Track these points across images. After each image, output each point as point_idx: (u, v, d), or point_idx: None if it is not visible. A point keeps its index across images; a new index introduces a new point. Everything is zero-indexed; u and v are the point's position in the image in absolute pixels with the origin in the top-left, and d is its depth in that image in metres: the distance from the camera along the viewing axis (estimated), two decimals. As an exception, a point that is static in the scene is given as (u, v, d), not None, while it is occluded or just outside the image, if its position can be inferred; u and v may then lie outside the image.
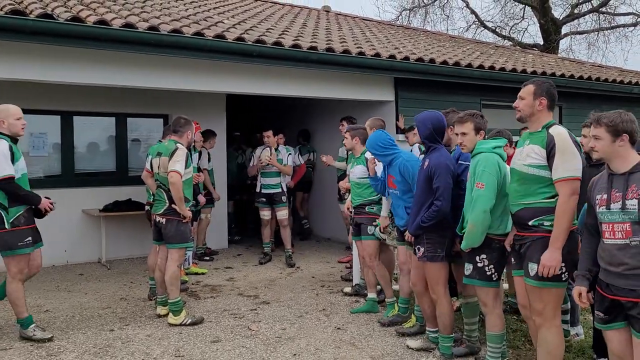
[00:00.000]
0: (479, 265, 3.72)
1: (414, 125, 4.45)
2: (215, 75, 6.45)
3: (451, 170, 3.99)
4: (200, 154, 7.19)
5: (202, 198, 7.03)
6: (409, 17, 21.19)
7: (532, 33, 31.61)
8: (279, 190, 7.50)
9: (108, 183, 7.82)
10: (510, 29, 21.44)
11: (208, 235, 7.91)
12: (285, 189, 7.59)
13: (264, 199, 7.53)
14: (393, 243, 5.13)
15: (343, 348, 4.42)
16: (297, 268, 7.30)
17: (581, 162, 3.27)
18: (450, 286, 4.22)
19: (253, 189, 9.33)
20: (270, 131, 7.50)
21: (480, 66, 8.17)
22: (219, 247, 8.40)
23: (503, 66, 8.47)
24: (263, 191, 7.53)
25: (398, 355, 4.29)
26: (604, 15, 20.30)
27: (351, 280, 6.27)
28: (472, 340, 4.26)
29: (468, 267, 3.78)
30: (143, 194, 6.64)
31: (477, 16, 21.30)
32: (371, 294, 5.40)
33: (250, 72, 6.63)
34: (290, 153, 7.70)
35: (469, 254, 3.76)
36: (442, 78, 7.91)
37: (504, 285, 4.71)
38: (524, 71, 8.60)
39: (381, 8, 47.00)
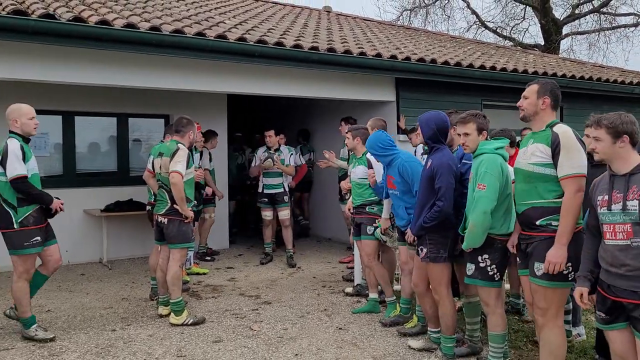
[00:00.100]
0: (481, 265, 3.72)
1: (416, 126, 4.44)
2: (216, 75, 6.46)
3: (453, 170, 3.98)
4: (201, 154, 7.19)
5: (209, 189, 7.25)
6: (410, 18, 21.22)
7: (533, 33, 31.55)
8: (281, 190, 7.50)
9: (109, 183, 7.83)
10: (511, 30, 21.46)
11: (209, 235, 7.91)
12: (287, 189, 7.59)
13: (266, 199, 7.52)
14: (394, 245, 5.14)
15: (345, 348, 4.42)
16: (298, 268, 7.30)
17: (586, 160, 3.28)
18: (452, 286, 4.22)
19: (253, 190, 9.35)
20: (272, 131, 7.49)
21: (481, 66, 8.17)
22: (220, 247, 8.40)
23: (504, 66, 8.47)
24: (265, 191, 7.52)
25: (400, 355, 4.28)
26: (605, 15, 20.31)
27: (352, 280, 6.27)
28: (474, 340, 4.26)
29: (470, 267, 3.79)
30: (144, 194, 6.65)
31: (478, 16, 21.31)
32: (372, 294, 5.40)
33: (251, 72, 6.63)
34: (292, 153, 7.71)
35: (471, 254, 3.76)
36: (444, 78, 7.91)
37: (506, 285, 4.71)
38: (525, 71, 8.60)
39: (382, 8, 47.07)
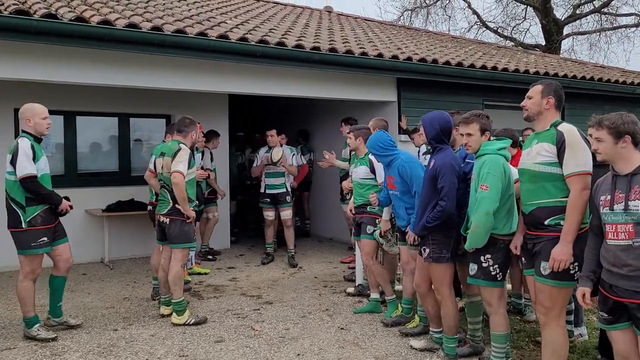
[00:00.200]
0: (484, 265, 3.72)
1: (419, 126, 4.44)
2: (218, 75, 6.46)
3: (456, 170, 3.98)
4: (202, 154, 7.19)
5: (220, 191, 7.57)
6: (411, 18, 21.21)
7: (534, 33, 31.58)
8: (284, 190, 7.49)
9: (111, 183, 7.84)
10: (512, 30, 21.46)
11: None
12: (289, 189, 7.59)
13: (269, 200, 7.52)
14: (391, 249, 5.14)
15: (347, 348, 4.42)
16: (300, 268, 7.30)
17: (591, 157, 3.27)
18: (454, 286, 4.22)
19: (253, 190, 9.35)
20: (274, 130, 7.48)
21: (482, 67, 8.17)
22: (221, 247, 8.40)
23: (505, 67, 8.47)
24: (267, 191, 7.51)
25: (402, 355, 4.28)
26: (606, 15, 20.30)
27: (354, 280, 6.27)
28: (476, 340, 4.26)
29: (473, 267, 3.78)
30: (146, 194, 6.65)
31: (479, 17, 21.30)
32: (374, 294, 5.40)
33: (253, 72, 6.63)
34: (294, 153, 7.71)
35: (474, 254, 3.76)
36: (445, 78, 7.91)
37: (507, 285, 4.71)
38: (527, 72, 8.59)
39: (383, 8, 47.09)
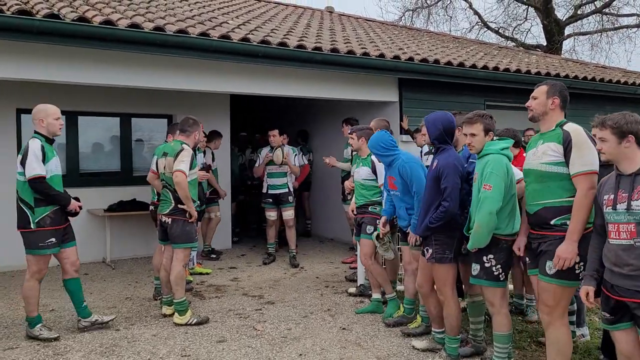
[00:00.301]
0: (487, 265, 3.72)
1: (421, 126, 4.44)
2: (219, 75, 6.46)
3: (459, 170, 3.97)
4: (204, 154, 7.20)
5: (222, 191, 7.61)
6: (412, 18, 21.21)
7: (535, 34, 31.66)
8: (286, 190, 7.49)
9: (113, 183, 7.85)
10: (513, 30, 21.43)
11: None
12: (292, 189, 7.59)
13: (271, 200, 7.51)
14: (385, 254, 5.15)
15: (349, 348, 4.42)
16: (301, 268, 7.30)
17: (597, 157, 3.27)
18: (456, 287, 4.21)
19: (254, 190, 9.36)
20: (276, 130, 7.48)
21: (484, 67, 8.17)
22: (223, 248, 8.40)
23: (507, 67, 8.47)
24: (270, 192, 7.51)
25: (404, 355, 4.29)
26: (608, 16, 20.28)
27: (355, 280, 6.27)
28: (478, 340, 4.26)
29: (475, 267, 3.78)
30: (147, 194, 6.66)
31: (480, 17, 21.29)
32: (376, 295, 5.40)
33: (254, 73, 6.64)
34: (296, 153, 7.70)
35: (476, 254, 3.76)
36: (447, 79, 7.91)
37: (509, 286, 4.71)
38: (528, 72, 8.59)
39: (384, 9, 47.07)
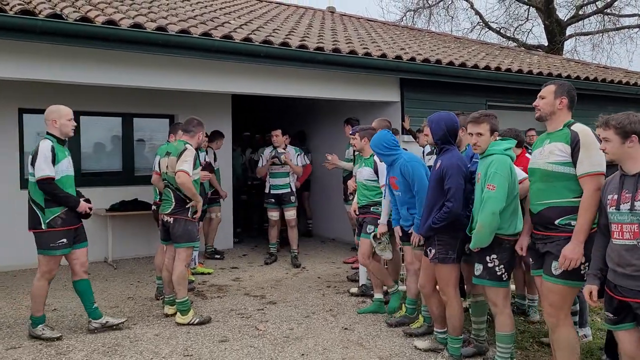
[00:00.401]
0: (489, 265, 3.72)
1: (423, 126, 4.43)
2: (221, 75, 6.46)
3: (463, 171, 3.97)
4: (207, 153, 7.20)
5: (222, 192, 7.63)
6: (413, 18, 21.22)
7: (537, 34, 31.61)
8: (288, 190, 7.49)
9: (114, 183, 7.85)
10: (514, 30, 21.43)
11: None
12: (294, 189, 7.58)
13: (273, 200, 7.51)
14: (382, 254, 5.15)
15: (351, 348, 4.42)
16: (303, 268, 7.30)
17: (604, 158, 3.26)
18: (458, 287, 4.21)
19: (254, 190, 9.35)
20: (279, 130, 7.48)
21: (486, 67, 8.17)
22: (224, 248, 8.41)
23: (509, 67, 8.47)
24: (272, 192, 7.51)
25: (406, 355, 4.28)
26: (609, 16, 20.28)
27: (357, 280, 6.28)
28: (480, 340, 4.25)
29: (478, 268, 3.78)
30: (149, 194, 6.66)
31: (482, 17, 21.28)
32: (378, 295, 5.40)
33: (256, 73, 6.64)
34: (299, 153, 7.70)
35: (480, 254, 3.76)
36: (448, 79, 7.91)
37: (511, 286, 4.71)
38: (530, 72, 8.59)
39: (385, 9, 47.10)
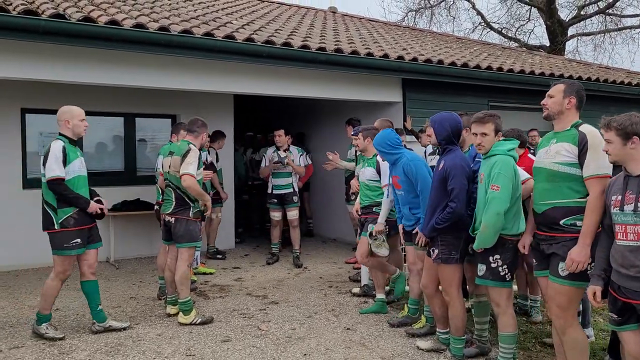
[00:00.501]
0: (493, 265, 3.72)
1: (426, 126, 4.43)
2: (224, 75, 6.46)
3: (466, 171, 3.96)
4: (209, 153, 7.20)
5: (223, 194, 7.61)
6: (415, 18, 21.21)
7: (538, 34, 31.56)
8: (291, 190, 7.48)
9: (116, 183, 7.84)
10: (516, 31, 21.41)
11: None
12: (296, 189, 7.58)
13: (276, 200, 7.51)
14: (377, 251, 5.14)
15: (353, 348, 4.42)
16: (305, 268, 7.30)
17: None
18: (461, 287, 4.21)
19: (255, 190, 9.34)
20: (282, 130, 7.47)
21: (488, 67, 8.16)
22: (226, 248, 8.41)
23: (511, 67, 8.46)
24: (275, 192, 7.50)
25: (409, 356, 4.28)
26: (611, 17, 20.25)
27: (359, 280, 6.28)
28: (483, 340, 4.25)
29: (481, 268, 3.78)
30: (151, 194, 6.66)
31: (483, 17, 21.26)
32: (380, 295, 5.40)
33: (258, 73, 6.63)
34: (301, 154, 7.69)
35: (483, 255, 3.76)
36: (450, 79, 7.90)
37: (514, 286, 4.70)
38: (532, 72, 8.58)
39: (387, 9, 47.10)
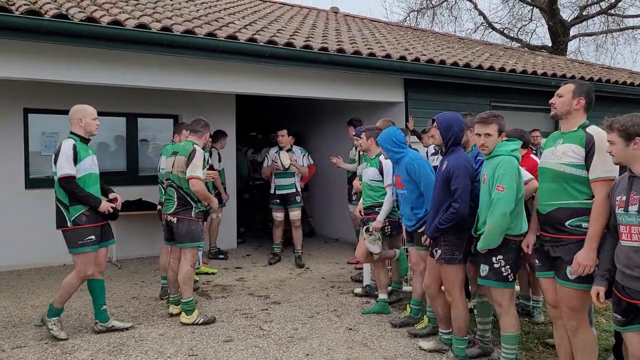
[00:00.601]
0: (495, 266, 3.71)
1: (429, 127, 4.43)
2: (226, 75, 6.46)
3: (469, 172, 3.96)
4: (210, 154, 7.20)
5: (225, 195, 7.52)
6: (417, 19, 21.20)
7: (540, 35, 31.53)
8: (293, 190, 7.48)
9: (119, 183, 7.79)
10: (518, 31, 21.41)
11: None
12: (299, 189, 7.58)
13: (278, 200, 7.51)
14: (370, 247, 5.15)
15: (355, 349, 4.42)
16: (307, 269, 7.30)
17: None
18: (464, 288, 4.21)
19: (255, 190, 9.33)
20: (285, 130, 7.47)
21: (490, 67, 8.15)
22: (228, 248, 8.42)
23: (513, 68, 8.45)
24: (277, 192, 7.50)
25: (411, 356, 4.28)
26: (613, 17, 20.23)
27: (361, 281, 6.27)
28: (485, 341, 4.25)
29: (484, 269, 3.77)
30: (153, 194, 6.67)
31: (485, 17, 21.26)
32: (382, 295, 5.40)
33: (261, 73, 6.64)
34: (304, 154, 7.69)
35: (485, 255, 3.75)
36: (453, 79, 7.90)
37: (516, 287, 4.70)
38: (534, 73, 8.57)
39: (389, 9, 47.09)
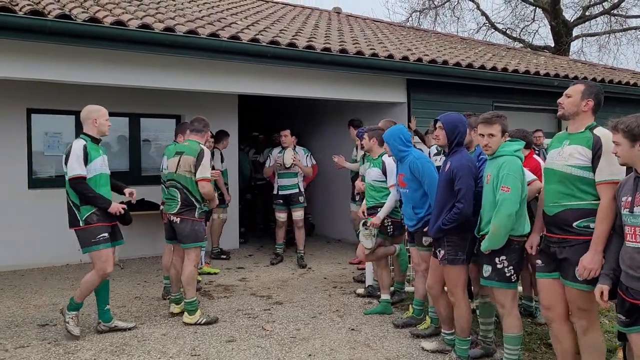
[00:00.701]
0: (499, 266, 3.71)
1: (432, 127, 4.41)
2: (228, 75, 6.47)
3: (473, 172, 3.96)
4: (213, 154, 7.20)
5: (227, 195, 7.46)
6: (419, 19, 21.18)
7: (543, 35, 31.55)
8: (296, 190, 7.48)
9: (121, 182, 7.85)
10: (520, 31, 21.37)
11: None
12: (302, 190, 7.57)
13: (281, 201, 7.50)
14: (363, 241, 5.14)
15: (358, 349, 4.42)
16: (309, 269, 7.30)
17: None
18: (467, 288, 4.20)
19: (256, 190, 9.32)
20: (288, 130, 7.46)
21: (493, 68, 8.15)
22: (230, 248, 8.42)
23: (516, 68, 8.45)
24: (280, 192, 7.50)
25: (413, 357, 4.28)
26: (616, 17, 20.18)
27: (363, 281, 6.27)
28: (488, 341, 4.25)
29: (487, 269, 3.77)
30: (155, 194, 6.67)
31: (488, 18, 21.23)
32: (384, 296, 5.39)
33: (263, 73, 6.64)
34: (307, 154, 7.69)
35: (489, 256, 3.74)
36: (455, 80, 7.89)
37: (519, 287, 4.69)
38: (537, 73, 8.56)
39: (391, 10, 47.04)
